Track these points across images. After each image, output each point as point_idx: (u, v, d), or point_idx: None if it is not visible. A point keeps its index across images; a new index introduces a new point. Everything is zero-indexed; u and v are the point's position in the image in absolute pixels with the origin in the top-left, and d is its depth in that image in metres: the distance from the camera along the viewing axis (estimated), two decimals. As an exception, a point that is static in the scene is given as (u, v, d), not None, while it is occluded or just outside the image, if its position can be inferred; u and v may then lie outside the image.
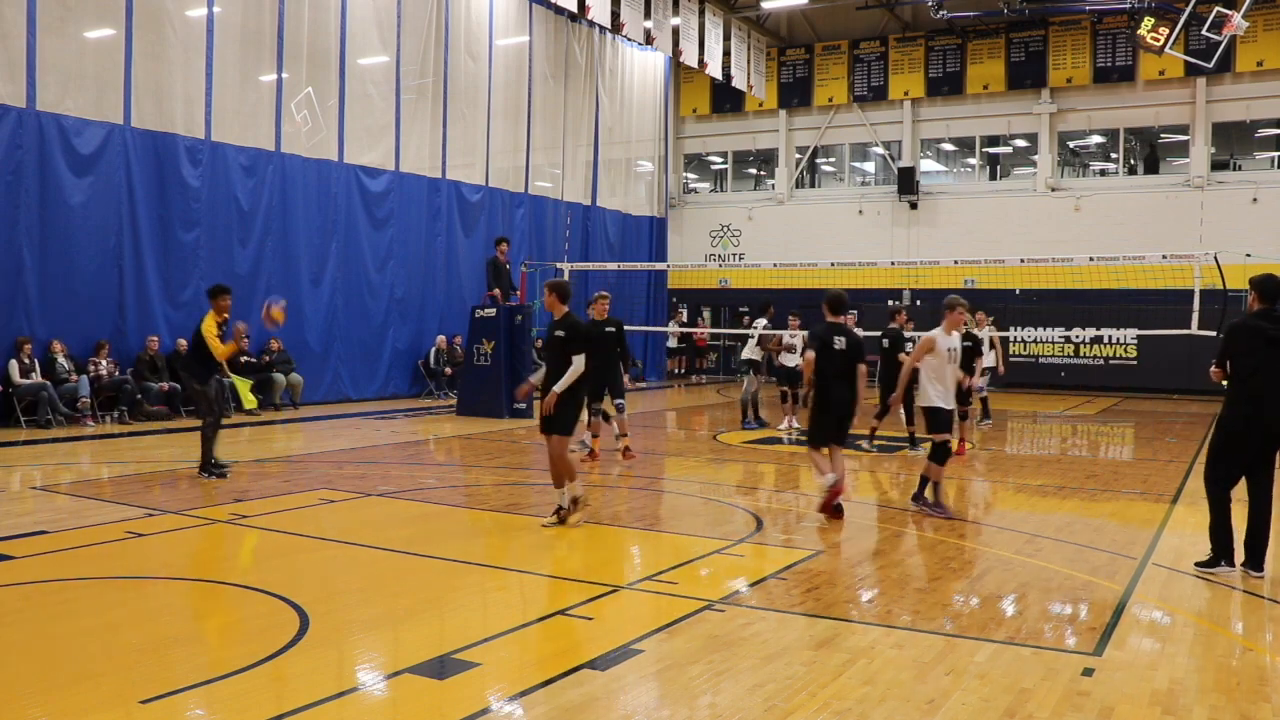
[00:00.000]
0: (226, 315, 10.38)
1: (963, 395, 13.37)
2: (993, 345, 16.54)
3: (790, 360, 15.36)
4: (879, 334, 13.87)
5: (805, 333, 13.94)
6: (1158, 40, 19.20)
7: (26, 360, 14.10)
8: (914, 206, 27.41)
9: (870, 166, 29.85)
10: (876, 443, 13.54)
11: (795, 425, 15.26)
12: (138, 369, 15.37)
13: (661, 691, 4.77)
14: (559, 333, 8.15)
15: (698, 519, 9.24)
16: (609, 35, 25.33)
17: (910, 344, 13.41)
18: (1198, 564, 7.16)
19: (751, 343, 16.36)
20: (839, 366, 8.83)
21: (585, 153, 25.83)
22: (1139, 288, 20.29)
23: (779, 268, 22.87)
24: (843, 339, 8.90)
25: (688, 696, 4.66)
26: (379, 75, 19.65)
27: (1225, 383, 7.20)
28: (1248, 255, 18.97)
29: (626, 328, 12.38)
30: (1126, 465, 13.17)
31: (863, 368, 8.93)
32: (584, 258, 24.97)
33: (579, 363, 7.97)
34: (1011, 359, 24.45)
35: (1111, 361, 24.58)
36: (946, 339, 9.08)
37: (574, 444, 12.74)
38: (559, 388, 7.99)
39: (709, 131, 30.61)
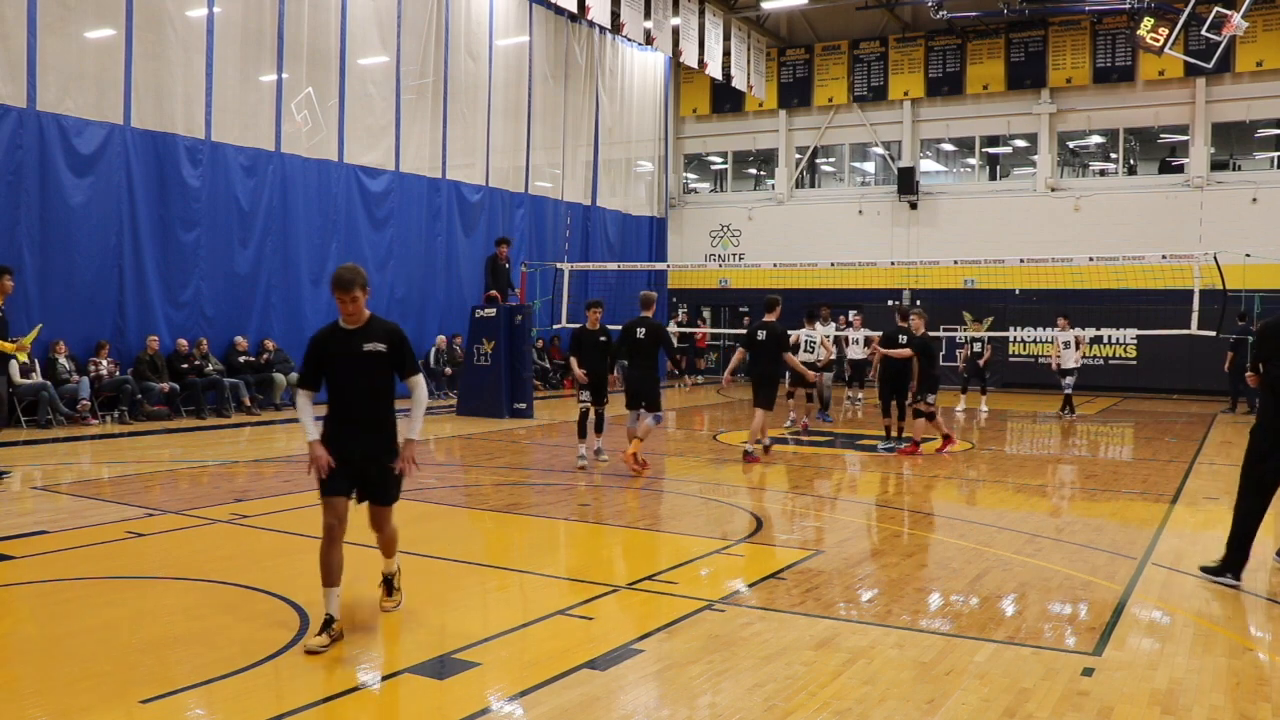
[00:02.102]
0: (5, 295, 10.16)
1: (907, 388, 13.42)
2: (1078, 344, 18.63)
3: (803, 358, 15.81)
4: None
5: (802, 332, 14.22)
6: (1157, 40, 19.20)
7: (27, 360, 14.09)
8: (914, 206, 27.41)
9: (870, 166, 29.84)
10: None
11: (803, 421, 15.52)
12: (138, 369, 15.37)
13: (661, 691, 4.77)
14: (375, 346, 5.40)
15: (698, 519, 9.23)
16: (609, 35, 25.33)
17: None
18: (1203, 568, 6.90)
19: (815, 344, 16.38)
20: (639, 350, 11.26)
21: (585, 153, 25.83)
22: (1139, 288, 20.30)
23: (779, 268, 22.88)
24: (643, 329, 11.25)
25: (688, 696, 4.66)
26: (379, 75, 19.65)
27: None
28: (1247, 255, 19.00)
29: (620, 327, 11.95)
30: (1126, 465, 13.18)
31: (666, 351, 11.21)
32: (584, 258, 24.98)
33: (422, 389, 5.64)
34: (1011, 359, 24.51)
35: (1111, 361, 24.59)
36: None
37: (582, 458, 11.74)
38: (415, 433, 5.49)
39: (709, 131, 30.61)
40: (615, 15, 21.33)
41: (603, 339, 11.68)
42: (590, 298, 12.28)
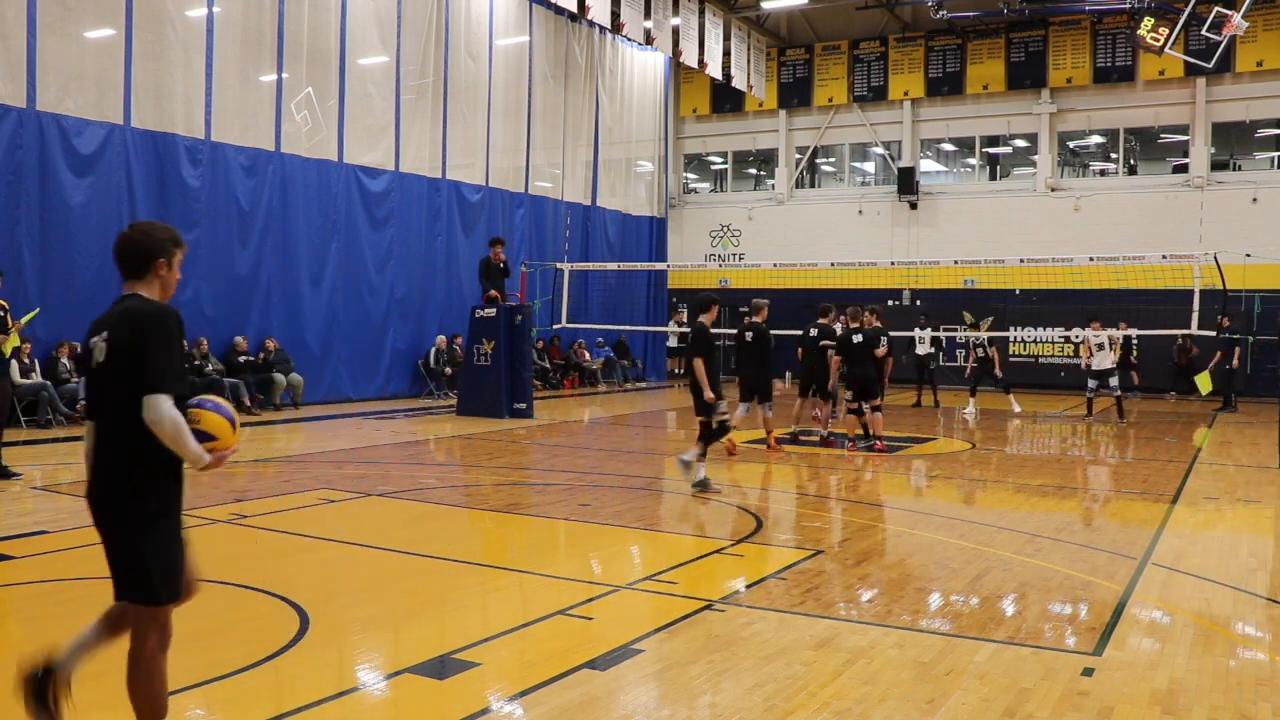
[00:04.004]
0: None
1: (834, 385, 13.90)
2: (1112, 344, 18.25)
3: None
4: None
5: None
6: (1158, 40, 19.19)
7: (26, 360, 14.10)
8: (914, 206, 27.40)
9: (870, 166, 29.83)
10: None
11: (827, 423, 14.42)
12: (138, 369, 15.35)
13: (661, 691, 4.77)
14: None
15: (698, 519, 9.24)
16: (609, 35, 25.33)
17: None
18: None
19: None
20: (748, 350, 12.94)
21: (585, 153, 25.82)
22: (1139, 288, 20.29)
23: (779, 268, 22.87)
24: (750, 332, 12.84)
25: (688, 696, 4.66)
26: (379, 75, 19.65)
27: None
28: (1248, 255, 18.99)
29: (627, 327, 12.07)
30: (1126, 465, 13.17)
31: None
32: (584, 258, 24.97)
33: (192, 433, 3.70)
34: (1011, 359, 24.47)
35: (1112, 361, 24.54)
36: None
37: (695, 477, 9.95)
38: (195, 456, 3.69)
39: (709, 131, 30.60)
40: (615, 15, 21.33)
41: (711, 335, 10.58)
42: (699, 298, 10.98)
